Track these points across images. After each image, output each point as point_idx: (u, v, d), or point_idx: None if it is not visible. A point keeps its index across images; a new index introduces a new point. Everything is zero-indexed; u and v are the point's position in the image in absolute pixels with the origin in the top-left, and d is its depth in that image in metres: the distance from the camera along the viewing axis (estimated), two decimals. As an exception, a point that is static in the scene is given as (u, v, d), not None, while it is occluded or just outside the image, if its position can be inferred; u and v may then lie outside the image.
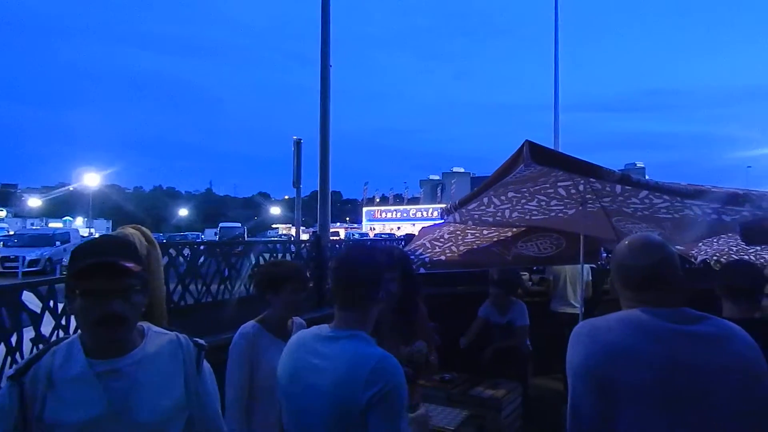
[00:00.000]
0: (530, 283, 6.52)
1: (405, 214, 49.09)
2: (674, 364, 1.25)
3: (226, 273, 3.81)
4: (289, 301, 2.35)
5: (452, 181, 54.40)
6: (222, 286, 3.80)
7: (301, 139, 7.52)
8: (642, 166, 74.31)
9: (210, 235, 39.00)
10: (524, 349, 4.51)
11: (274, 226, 49.89)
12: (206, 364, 1.53)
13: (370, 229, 47.98)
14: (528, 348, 4.56)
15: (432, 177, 76.70)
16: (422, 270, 4.27)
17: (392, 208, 52.72)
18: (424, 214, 44.35)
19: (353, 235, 36.03)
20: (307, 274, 2.71)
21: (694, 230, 3.97)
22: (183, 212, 67.57)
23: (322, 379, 1.48)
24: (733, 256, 5.48)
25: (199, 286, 3.64)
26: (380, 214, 52.85)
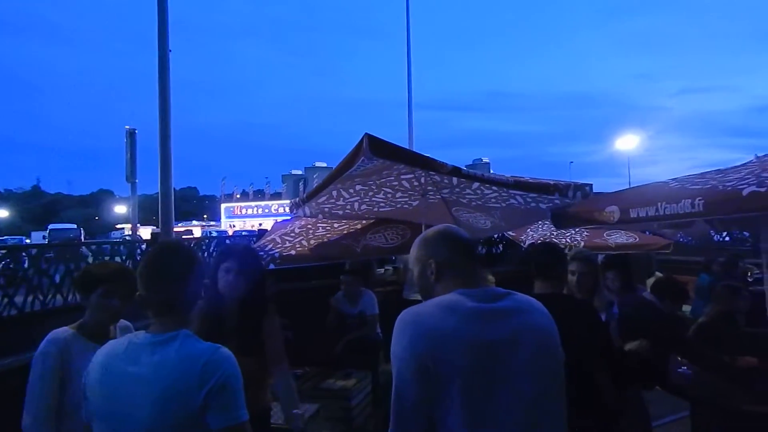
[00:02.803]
0: (381, 271, 6.76)
1: (267, 210, 47.83)
2: (484, 340, 1.34)
3: (36, 281, 3.28)
4: (102, 305, 2.09)
5: (314, 176, 54.37)
6: (31, 297, 3.27)
7: (135, 130, 6.84)
8: (487, 161, 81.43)
9: (38, 238, 33.95)
10: (375, 337, 4.64)
11: (119, 226, 44.99)
12: None
13: (230, 226, 45.96)
14: (379, 336, 4.71)
15: (294, 172, 75.84)
16: (272, 266, 4.16)
17: (253, 204, 51.03)
18: (287, 209, 43.45)
19: (210, 233, 34.07)
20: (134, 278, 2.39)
21: (519, 217, 4.44)
22: (2, 213, 57.80)
23: (149, 388, 1.36)
24: (554, 239, 6.25)
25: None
26: (240, 211, 50.87)
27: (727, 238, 9.37)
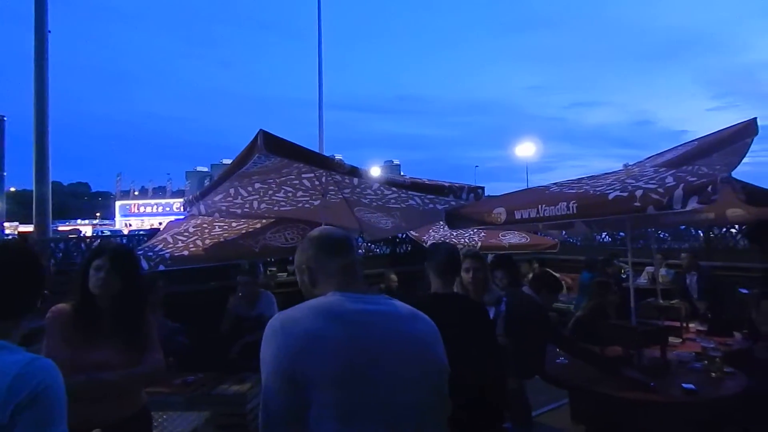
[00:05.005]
0: (283, 274, 6.61)
1: (168, 208, 45.14)
2: (357, 345, 1.28)
3: None
4: None
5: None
6: None
7: (4, 117, 6.10)
8: (398, 163, 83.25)
9: None
10: (274, 340, 4.52)
11: (-9, 224, 40.19)
12: None
13: (126, 225, 42.88)
14: (278, 338, 4.59)
15: (200, 168, 72.63)
16: (162, 267, 3.92)
17: (153, 201, 48.04)
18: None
19: (103, 232, 31.49)
20: None
21: (418, 218, 4.56)
22: None
23: None
24: (453, 239, 6.50)
25: None
26: (138, 209, 47.71)
27: (607, 239, 10.30)
